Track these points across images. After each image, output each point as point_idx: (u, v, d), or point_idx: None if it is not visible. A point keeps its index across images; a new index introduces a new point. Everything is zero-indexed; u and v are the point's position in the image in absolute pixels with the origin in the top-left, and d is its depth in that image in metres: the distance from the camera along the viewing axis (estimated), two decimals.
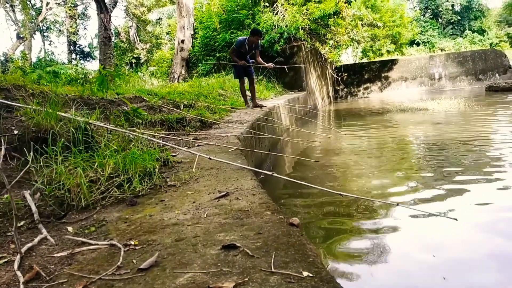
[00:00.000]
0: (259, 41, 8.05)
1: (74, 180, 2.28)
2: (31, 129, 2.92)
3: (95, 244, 1.73)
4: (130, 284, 1.35)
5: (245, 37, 8.11)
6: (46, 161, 2.53)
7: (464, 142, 6.51)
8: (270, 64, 8.37)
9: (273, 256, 1.45)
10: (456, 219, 2.78)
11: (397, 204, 2.78)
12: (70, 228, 1.97)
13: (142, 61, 21.75)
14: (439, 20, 45.80)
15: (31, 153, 2.54)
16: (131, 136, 3.43)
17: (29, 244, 1.74)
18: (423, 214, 3.38)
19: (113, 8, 12.37)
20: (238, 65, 8.02)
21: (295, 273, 1.31)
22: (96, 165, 2.54)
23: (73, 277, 1.44)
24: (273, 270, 1.35)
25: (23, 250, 1.68)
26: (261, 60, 8.24)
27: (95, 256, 1.62)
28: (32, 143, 2.74)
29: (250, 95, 8.53)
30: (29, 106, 3.33)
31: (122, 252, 1.60)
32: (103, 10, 11.20)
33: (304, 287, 1.22)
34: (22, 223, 2.01)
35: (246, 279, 1.29)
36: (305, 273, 1.31)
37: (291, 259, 1.42)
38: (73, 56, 33.12)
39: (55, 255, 1.66)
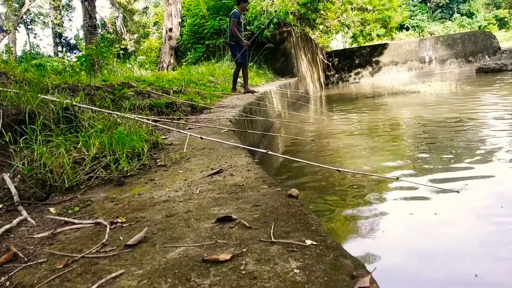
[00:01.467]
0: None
1: (56, 161, 2.14)
2: (11, 112, 2.76)
3: (79, 224, 1.60)
4: (116, 261, 1.23)
5: (235, 10, 7.86)
6: (28, 142, 2.38)
7: (457, 122, 6.45)
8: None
9: (272, 227, 1.33)
10: (458, 192, 2.70)
11: (397, 178, 2.68)
12: (52, 209, 1.83)
13: (129, 51, 21.35)
14: (428, 4, 45.67)
15: (9, 134, 2.38)
16: (118, 119, 3.28)
17: (7, 226, 1.60)
18: (423, 188, 3.29)
19: None
20: (240, 46, 7.75)
21: (297, 242, 1.19)
22: (80, 145, 2.40)
23: (54, 256, 1.31)
24: (273, 240, 1.23)
25: None
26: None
27: (79, 235, 1.49)
28: (12, 125, 2.58)
29: (240, 81, 8.36)
30: (10, 90, 3.16)
31: (108, 230, 1.47)
32: None
33: (308, 255, 1.11)
34: (0, 205, 1.87)
35: (244, 250, 1.18)
36: (308, 242, 1.19)
37: (292, 229, 1.31)
38: (59, 48, 32.48)
39: (35, 236, 1.53)
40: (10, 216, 1.78)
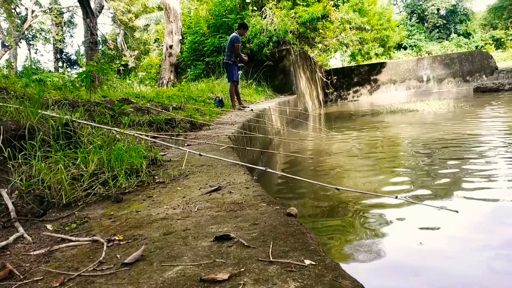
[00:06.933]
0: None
1: (54, 177, 2.13)
2: (11, 127, 2.76)
3: (75, 241, 1.59)
4: (112, 279, 1.21)
5: (235, 34, 8.30)
6: (26, 158, 2.37)
7: (455, 141, 6.47)
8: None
9: (271, 246, 1.33)
10: (457, 211, 2.69)
11: (396, 197, 2.67)
12: (49, 226, 1.82)
13: (130, 67, 21.51)
14: (425, 24, 46.39)
15: (8, 149, 2.38)
16: (117, 135, 3.28)
17: (3, 243, 1.59)
18: (421, 207, 3.28)
19: (99, 12, 12.18)
20: (237, 66, 8.27)
21: (296, 262, 1.19)
22: (78, 161, 2.40)
23: (50, 274, 1.30)
24: (271, 259, 1.22)
25: None
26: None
27: (76, 253, 1.48)
28: (11, 140, 2.58)
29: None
30: (10, 105, 3.17)
31: (105, 247, 1.46)
32: (89, 14, 11.02)
33: (307, 276, 1.10)
34: None
35: (242, 270, 1.17)
36: (307, 261, 1.19)
37: (290, 248, 1.30)
38: (60, 64, 32.73)
39: (31, 253, 1.52)
40: (7, 233, 1.77)
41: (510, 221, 3.10)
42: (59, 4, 29.96)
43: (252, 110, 7.79)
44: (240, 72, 9.32)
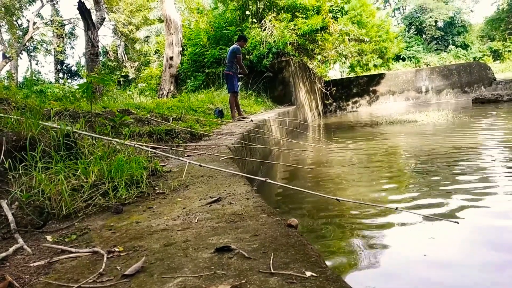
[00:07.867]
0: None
1: (55, 188, 2.13)
2: (11, 138, 2.77)
3: (75, 252, 1.58)
4: None
5: (236, 46, 8.41)
6: (27, 169, 2.38)
7: (455, 151, 6.48)
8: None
9: (271, 257, 1.32)
10: (457, 222, 2.68)
11: (396, 208, 2.67)
12: (49, 237, 1.81)
13: (130, 78, 21.60)
14: (423, 35, 46.75)
15: (9, 160, 2.38)
16: (117, 146, 3.29)
17: (3, 254, 1.58)
18: (421, 218, 3.28)
19: (101, 24, 12.29)
20: (237, 77, 8.40)
21: (297, 273, 1.18)
22: (79, 172, 2.40)
23: (50, 286, 1.29)
24: (272, 271, 1.22)
25: None
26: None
27: (75, 264, 1.47)
28: (12, 151, 2.59)
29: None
30: (11, 116, 3.18)
31: (105, 259, 1.45)
32: (90, 26, 11.12)
33: (308, 287, 1.09)
34: None
35: (243, 281, 1.16)
36: (308, 273, 1.18)
37: (291, 260, 1.30)
38: (60, 75, 32.88)
39: (31, 264, 1.51)
40: (6, 244, 1.76)
41: (510, 230, 3.09)
42: (61, 16, 30.23)
43: (252, 120, 7.82)
44: (240, 83, 9.38)
